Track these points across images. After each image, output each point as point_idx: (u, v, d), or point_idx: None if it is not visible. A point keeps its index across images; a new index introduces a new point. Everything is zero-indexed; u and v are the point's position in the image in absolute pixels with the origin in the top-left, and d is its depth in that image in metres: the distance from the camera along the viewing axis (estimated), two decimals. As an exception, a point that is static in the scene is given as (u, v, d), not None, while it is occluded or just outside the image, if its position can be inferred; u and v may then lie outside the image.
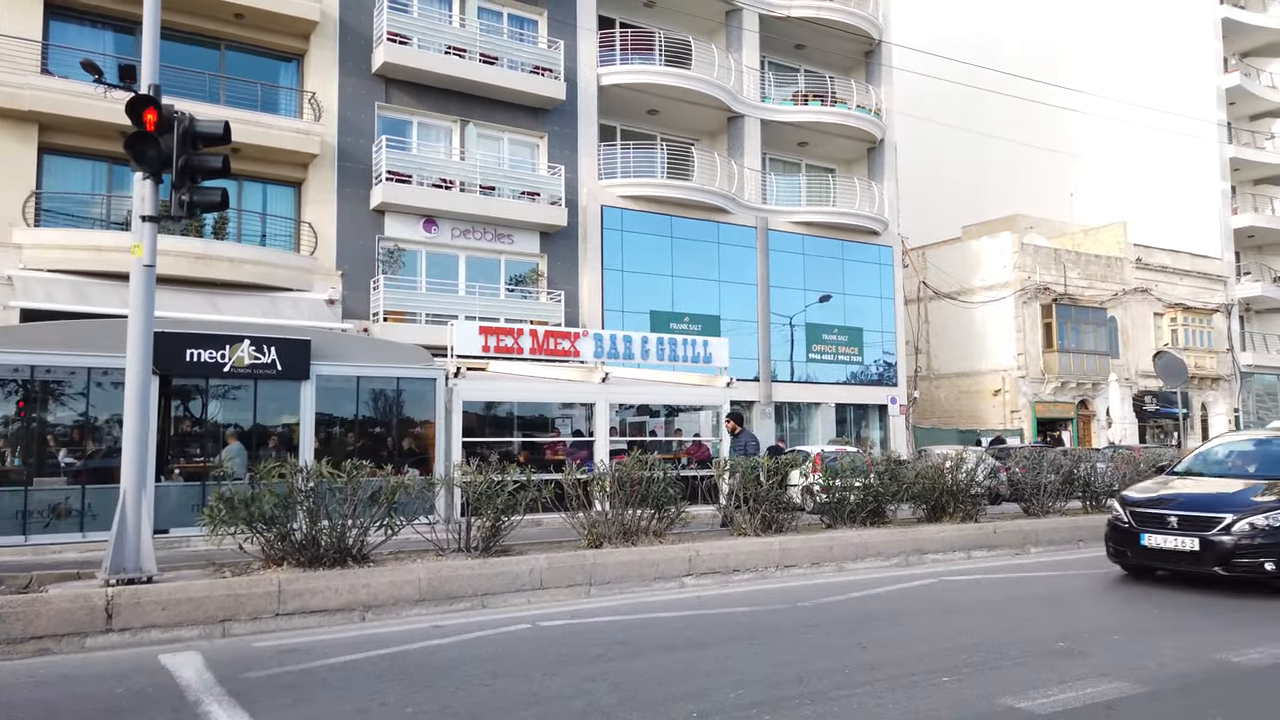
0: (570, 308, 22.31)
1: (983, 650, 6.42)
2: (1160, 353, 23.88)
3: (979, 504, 12.80)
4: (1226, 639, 6.76)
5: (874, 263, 28.07)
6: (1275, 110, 38.54)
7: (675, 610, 8.08)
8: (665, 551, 9.41)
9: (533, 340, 16.89)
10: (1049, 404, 31.35)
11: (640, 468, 9.73)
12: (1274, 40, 38.47)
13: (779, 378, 25.87)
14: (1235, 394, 35.83)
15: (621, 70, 23.40)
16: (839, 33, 27.00)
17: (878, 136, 27.95)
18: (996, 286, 31.47)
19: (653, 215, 23.96)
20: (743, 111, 25.57)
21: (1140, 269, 33.96)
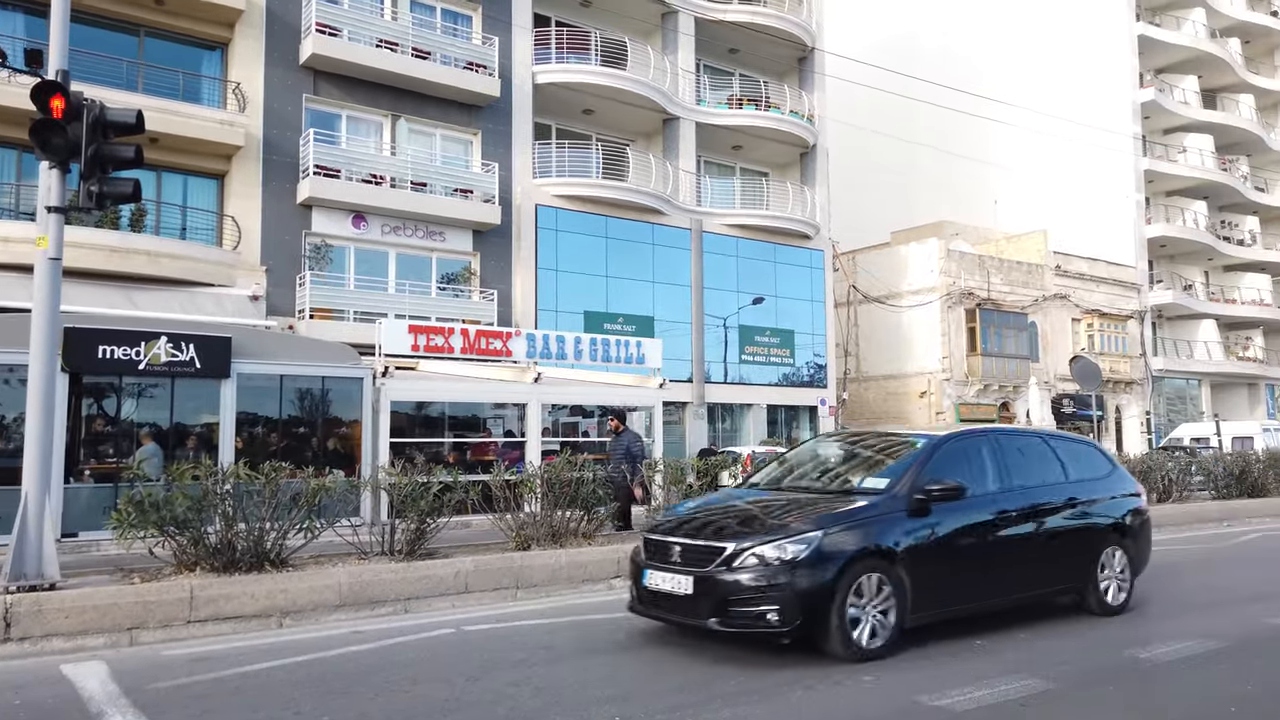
0: (503, 307, 22.13)
1: (904, 646, 6.53)
2: (1077, 357, 24.70)
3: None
4: (1134, 636, 6.99)
5: (805, 266, 28.47)
6: (1187, 125, 40.21)
7: (603, 613, 8.04)
8: (594, 553, 9.37)
9: (464, 339, 16.67)
10: (972, 406, 32.18)
11: (570, 469, 9.68)
12: (1187, 58, 40.13)
13: (712, 379, 26.05)
14: (1147, 397, 37.27)
15: (557, 69, 23.30)
16: (773, 38, 27.32)
17: (810, 142, 28.35)
18: (923, 291, 32.18)
19: (588, 215, 23.90)
20: (678, 114, 25.69)
21: (1059, 276, 35.09)
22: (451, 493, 9.01)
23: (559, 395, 17.89)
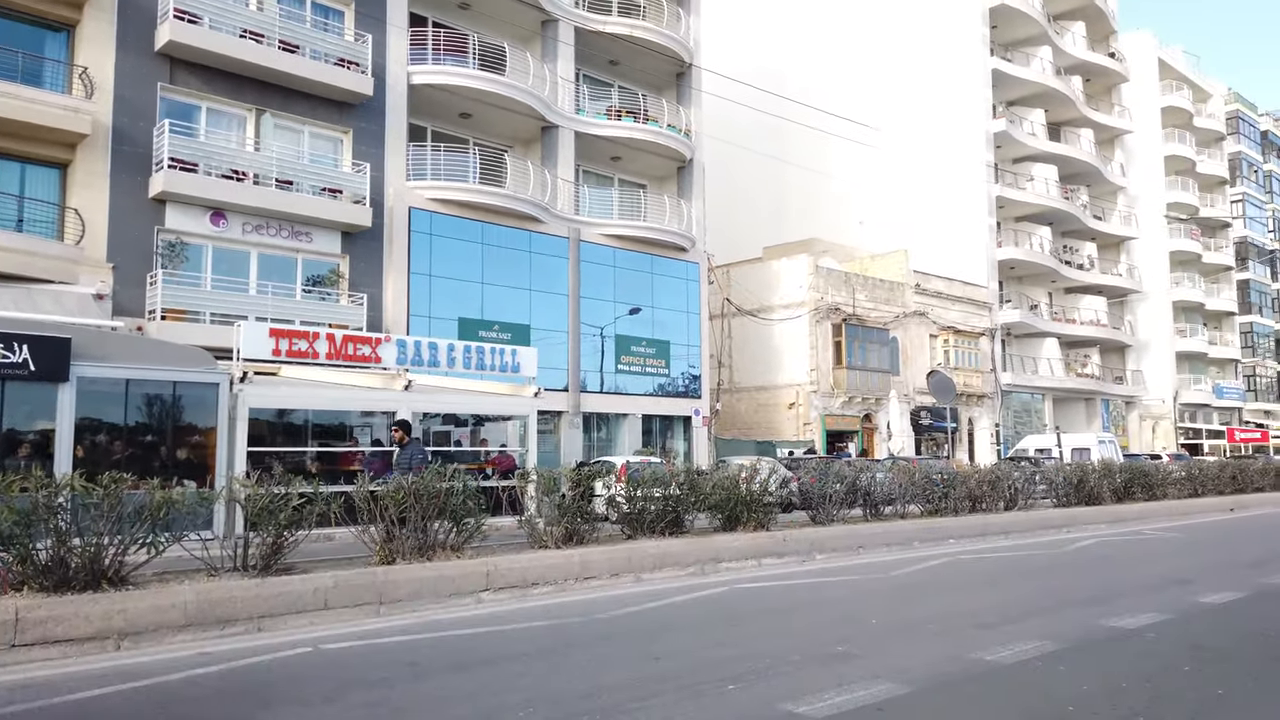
0: (373, 312, 21.46)
1: (767, 657, 6.64)
2: (933, 372, 25.95)
3: (771, 513, 13.33)
4: (983, 639, 7.34)
5: (682, 278, 28.85)
6: (1034, 155, 43.01)
7: (469, 627, 7.86)
8: (462, 566, 9.15)
9: (330, 344, 16.05)
10: (837, 417, 33.34)
11: (439, 479, 9.43)
12: (1034, 92, 42.95)
13: (588, 388, 26.02)
14: (997, 410, 39.52)
15: (434, 70, 22.84)
16: (652, 52, 27.64)
17: (687, 156, 28.80)
18: (793, 306, 33.15)
19: (463, 220, 23.49)
20: (557, 122, 25.62)
21: (919, 294, 36.82)
22: (312, 505, 8.62)
23: (430, 404, 17.47)
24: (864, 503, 15.28)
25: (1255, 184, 63.00)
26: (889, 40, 43.03)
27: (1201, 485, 23.11)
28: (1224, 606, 8.96)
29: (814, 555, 12.71)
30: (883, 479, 15.92)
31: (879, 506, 15.47)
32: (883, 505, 15.57)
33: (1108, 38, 48.92)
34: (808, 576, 11.03)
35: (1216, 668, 6.43)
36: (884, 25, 43.29)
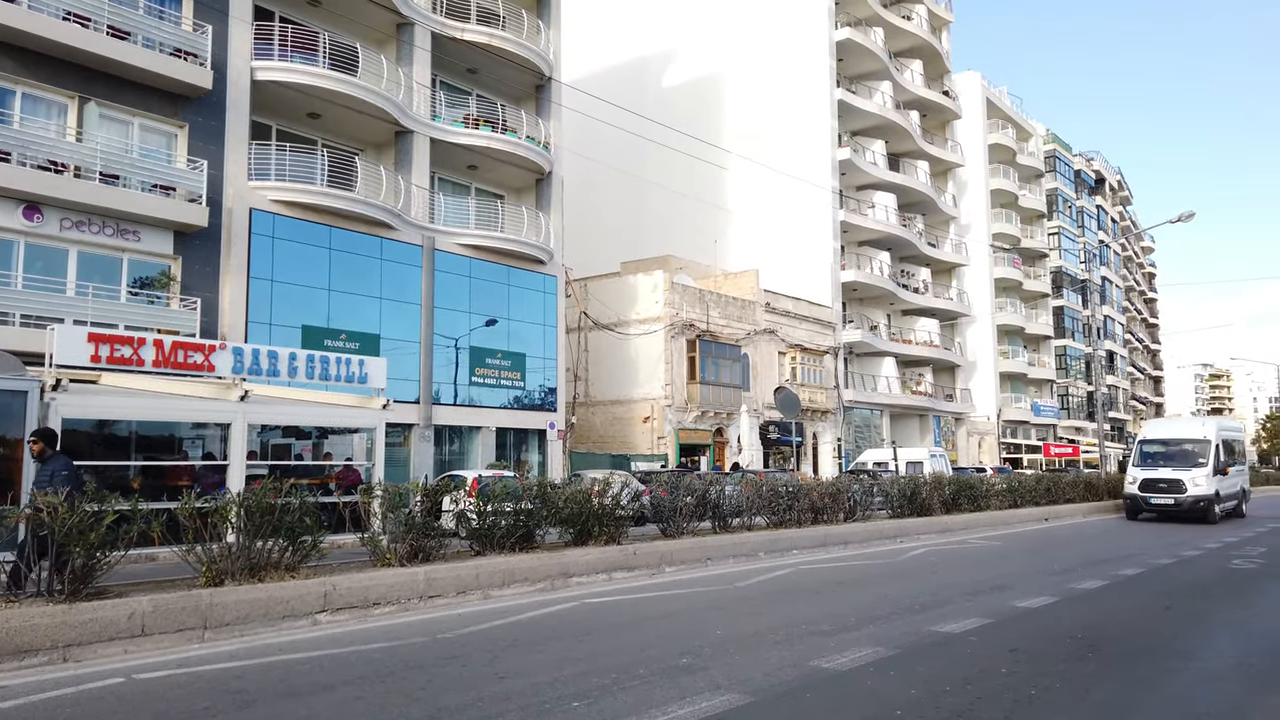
0: (208, 317, 20.24)
1: (614, 672, 6.62)
2: (780, 388, 26.87)
3: (623, 527, 13.37)
4: (820, 646, 7.59)
5: (538, 290, 28.69)
6: (876, 184, 45.36)
7: (304, 651, 7.47)
8: (297, 587, 8.70)
9: (157, 351, 14.97)
10: (691, 431, 33.94)
11: (272, 494, 8.94)
12: (876, 124, 45.35)
13: (441, 400, 25.43)
14: (839, 425, 41.28)
15: (280, 67, 21.85)
16: (511, 63, 27.45)
17: (546, 169, 28.72)
18: (649, 320, 33.58)
19: (310, 224, 22.54)
20: (412, 127, 25.02)
21: (769, 312, 38.06)
22: (130, 523, 7.99)
23: (269, 415, 16.58)
24: (713, 515, 15.56)
25: (1069, 218, 68.71)
26: (745, 66, 44.48)
27: (1020, 497, 24.80)
28: (1037, 610, 9.63)
29: (664, 568, 12.83)
30: (731, 492, 16.27)
31: (727, 519, 15.79)
32: (731, 518, 15.90)
33: (942, 76, 52.29)
34: (657, 589, 11.11)
35: (1030, 668, 6.88)
36: (741, 50, 44.72)
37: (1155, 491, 23.71)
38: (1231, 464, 25.21)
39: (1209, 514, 22.87)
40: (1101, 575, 12.51)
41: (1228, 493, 24.48)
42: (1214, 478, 23.25)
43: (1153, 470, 24.17)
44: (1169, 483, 23.48)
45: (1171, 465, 23.97)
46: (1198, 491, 22.95)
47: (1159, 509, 23.66)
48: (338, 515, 13.43)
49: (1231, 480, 25.06)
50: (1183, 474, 23.36)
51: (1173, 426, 27.56)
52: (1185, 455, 24.12)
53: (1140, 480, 24.21)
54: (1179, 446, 24.65)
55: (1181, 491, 23.15)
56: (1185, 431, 25.70)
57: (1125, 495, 25.02)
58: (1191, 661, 7.25)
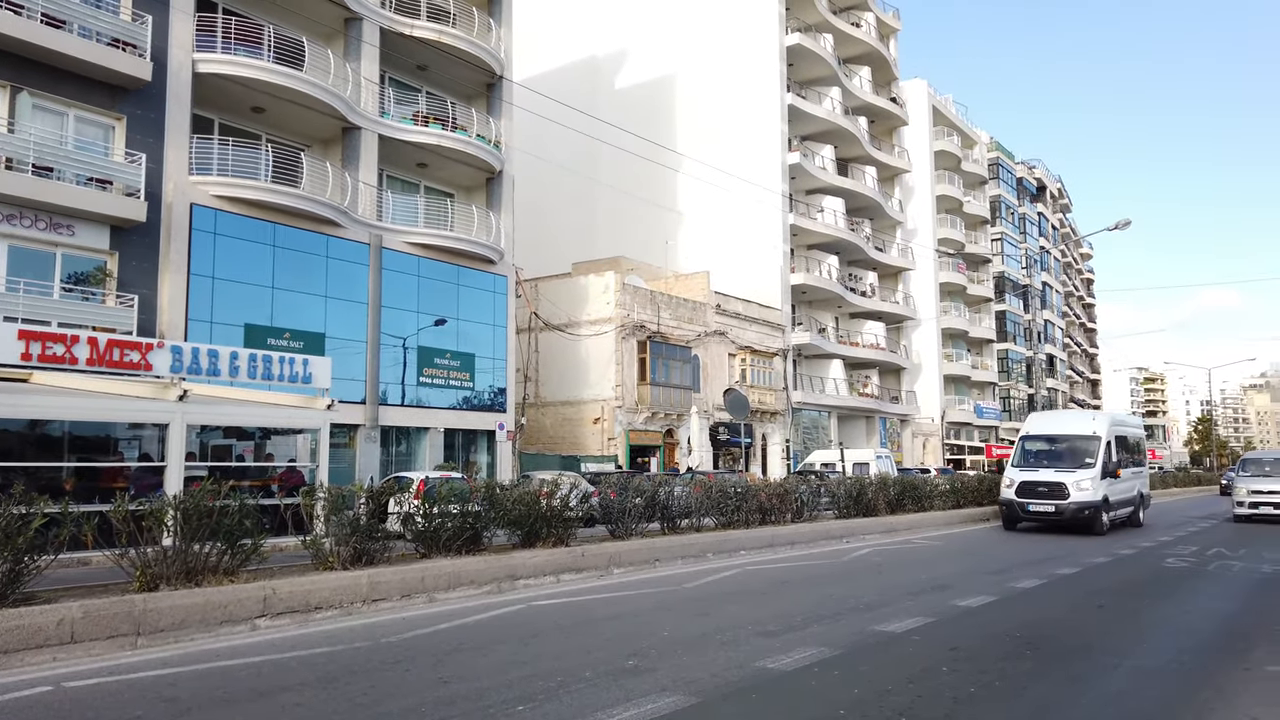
0: (146, 315, 19.71)
1: (559, 675, 6.58)
2: (729, 390, 27.02)
3: (571, 528, 13.32)
4: (766, 647, 7.63)
5: (489, 290, 28.47)
6: (824, 188, 45.88)
7: (242, 657, 7.29)
8: (236, 591, 8.50)
9: (92, 349, 14.55)
10: (641, 432, 33.97)
11: (210, 496, 8.72)
12: (824, 129, 45.89)
13: (388, 401, 25.09)
14: (788, 427, 41.66)
15: (223, 60, 21.37)
16: (461, 61, 27.21)
17: (497, 167, 28.52)
18: (600, 322, 33.53)
19: (254, 221, 22.08)
20: (360, 123, 24.66)
21: (719, 314, 38.27)
22: (61, 526, 7.73)
23: (210, 416, 16.18)
24: (662, 516, 15.58)
25: (1012, 225, 70.26)
26: (697, 68, 44.68)
27: (963, 497, 25.26)
28: (977, 609, 9.81)
29: (612, 569, 12.81)
30: (680, 493, 16.30)
31: (676, 520, 15.82)
32: (679, 519, 15.94)
33: (890, 83, 53.11)
34: (605, 591, 11.08)
35: (970, 666, 6.99)
36: (693, 53, 44.91)
37: (1034, 497, 20.30)
38: (1126, 465, 22.19)
39: (1095, 523, 19.72)
40: (1039, 575, 12.80)
41: (1120, 498, 21.40)
42: (1103, 481, 20.07)
43: (1033, 472, 20.83)
44: (1050, 487, 20.12)
45: (1055, 466, 20.71)
46: (1083, 497, 19.68)
47: (1039, 518, 20.35)
48: (280, 518, 13.16)
49: (1126, 484, 21.97)
50: (1066, 476, 20.05)
51: (1059, 420, 23.96)
52: (1072, 454, 20.89)
53: (1018, 484, 20.75)
54: (1065, 444, 21.34)
55: (1063, 497, 19.82)
56: (1072, 426, 22.20)
57: (1001, 501, 21.52)
58: (1125, 659, 7.44)
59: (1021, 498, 20.51)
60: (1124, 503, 21.79)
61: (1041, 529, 20.65)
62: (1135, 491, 22.89)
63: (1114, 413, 28.36)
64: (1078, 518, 19.74)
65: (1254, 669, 7.11)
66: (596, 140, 35.67)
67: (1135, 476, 23.14)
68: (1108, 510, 20.24)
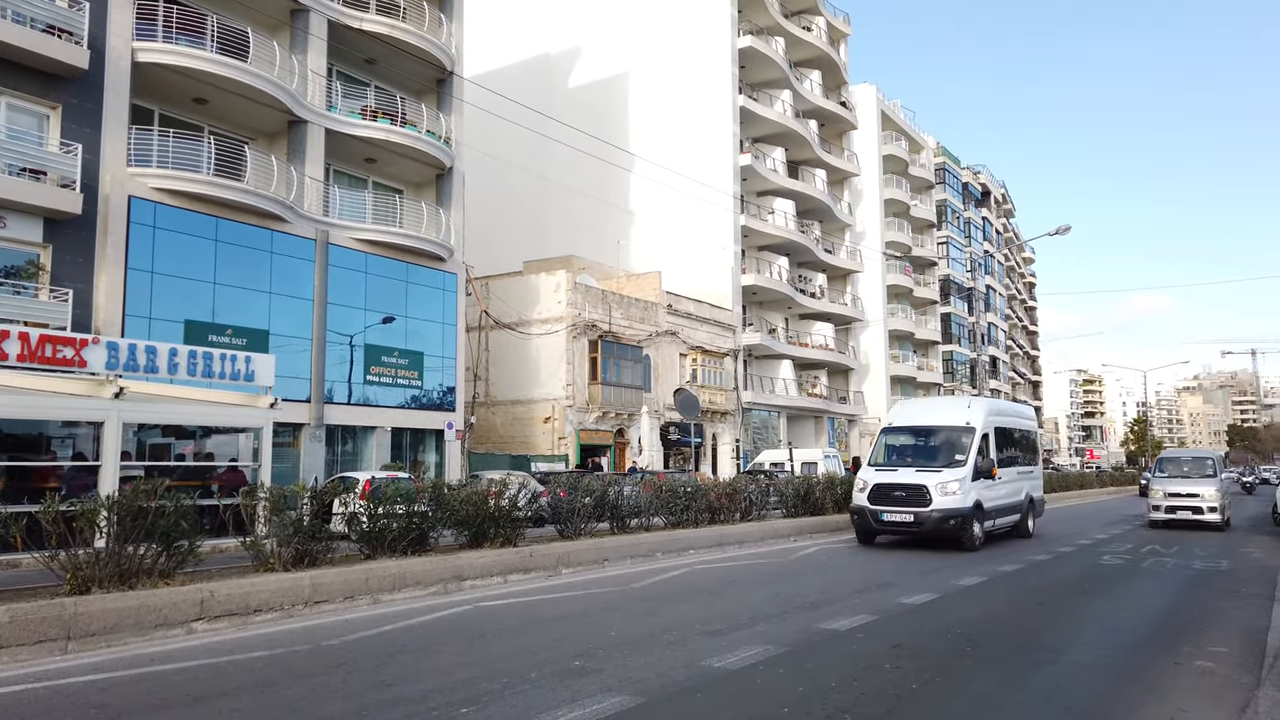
0: (82, 310, 19.12)
1: (505, 676, 6.53)
2: (680, 390, 27.06)
3: (520, 528, 13.23)
4: (713, 646, 7.65)
5: (438, 288, 28.16)
6: (775, 190, 46.25)
7: (177, 661, 7.11)
8: (171, 594, 8.28)
9: (22, 345, 14.02)
10: (592, 432, 33.89)
11: (145, 496, 8.48)
12: (776, 131, 46.26)
13: (334, 399, 24.68)
14: (739, 426, 41.92)
15: (164, 49, 20.81)
16: (412, 56, 26.86)
17: (447, 164, 28.22)
18: (551, 320, 33.38)
19: (195, 214, 21.55)
20: (306, 117, 24.20)
21: (671, 314, 38.35)
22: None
23: (147, 414, 15.75)
24: (611, 516, 15.56)
25: (957, 229, 71.57)
26: (650, 68, 44.71)
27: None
28: (921, 607, 9.96)
29: (561, 570, 12.75)
30: (630, 493, 16.29)
31: (625, 520, 15.81)
32: (629, 518, 15.93)
33: (840, 87, 53.74)
34: (553, 591, 11.03)
35: (912, 663, 7.09)
36: (646, 53, 44.94)
37: (890, 503, 16.47)
38: (1011, 464, 18.64)
39: (964, 536, 15.97)
40: (981, 572, 13.04)
41: (1000, 504, 17.64)
42: (975, 484, 16.40)
43: (891, 472, 17.02)
44: (908, 491, 16.31)
45: (919, 465, 17.06)
46: (948, 503, 15.88)
47: (896, 530, 16.63)
48: (220, 519, 12.86)
49: (1008, 487, 18.22)
50: (929, 477, 16.27)
51: (928, 409, 20.03)
52: (940, 450, 17.35)
53: (871, 487, 16.83)
54: (932, 438, 17.77)
55: (924, 503, 15.98)
56: (943, 416, 18.36)
57: (852, 510, 17.46)
58: (1061, 654, 7.61)
59: (876, 504, 16.61)
60: (1006, 509, 18.09)
61: (905, 543, 17.19)
62: (1022, 496, 19.12)
63: (995, 400, 24.01)
64: (942, 529, 15.93)
65: (1184, 663, 7.32)
66: (549, 138, 35.50)
67: (1023, 478, 19.43)
68: (982, 519, 16.55)
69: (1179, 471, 22.93)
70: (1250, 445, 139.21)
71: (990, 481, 17.09)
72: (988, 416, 17.75)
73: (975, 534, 16.20)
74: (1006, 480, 18.06)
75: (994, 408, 18.92)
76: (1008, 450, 18.72)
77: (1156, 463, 24.94)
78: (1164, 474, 23.18)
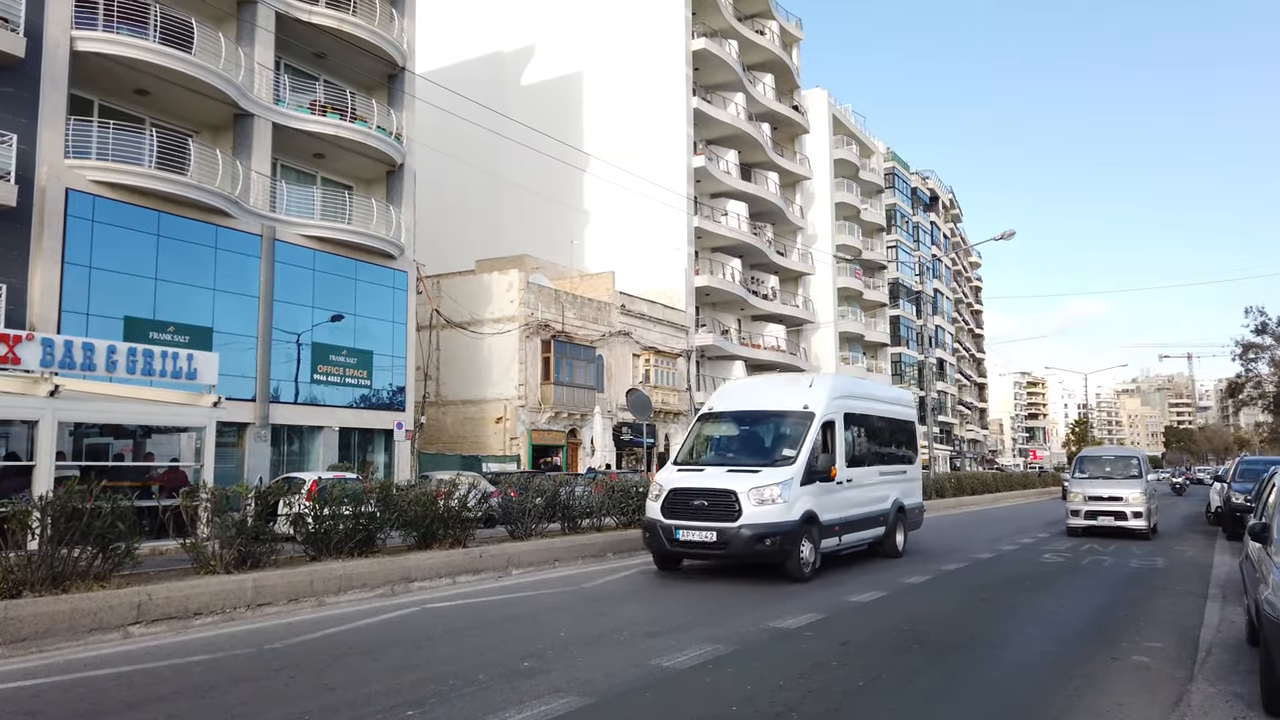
0: (16, 306, 18.51)
1: (452, 678, 6.46)
2: (632, 390, 26.99)
3: (469, 529, 13.12)
4: (662, 646, 7.65)
5: (388, 286, 27.80)
6: (729, 192, 46.50)
7: (113, 666, 6.90)
8: (107, 597, 8.05)
9: (-48, 341, 13.56)
10: (544, 432, 33.74)
11: (81, 497, 8.24)
12: (730, 134, 46.52)
13: (280, 399, 24.22)
14: (691, 427, 42.01)
15: (104, 38, 20.24)
16: (362, 50, 26.48)
17: (398, 160, 27.88)
18: (504, 320, 33.17)
19: (136, 208, 20.99)
20: (252, 110, 23.72)
21: (624, 315, 38.35)
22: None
23: (84, 413, 15.29)
24: (563, 516, 15.50)
25: (906, 233, 72.71)
26: (604, 68, 44.67)
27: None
28: (869, 604, 10.08)
29: (511, 570, 12.66)
30: (581, 493, 16.25)
31: (576, 520, 15.77)
32: (580, 519, 15.89)
33: (792, 91, 54.24)
34: (503, 592, 10.95)
35: (859, 660, 7.17)
36: (600, 53, 44.88)
37: (687, 515, 12.01)
38: (870, 461, 14.63)
39: (788, 561, 11.77)
40: (926, 570, 13.24)
41: (849, 515, 13.40)
42: (806, 488, 12.19)
43: (695, 474, 12.63)
44: (711, 498, 11.95)
45: (733, 463, 12.78)
46: (764, 516, 11.61)
47: (695, 551, 12.17)
48: (160, 520, 12.54)
49: (865, 492, 14.10)
50: (740, 480, 11.97)
51: (758, 389, 15.39)
52: (765, 444, 13.30)
53: (667, 493, 12.37)
54: (759, 427, 13.67)
55: (731, 515, 11.69)
56: (773, 398, 14.00)
57: (644, 524, 12.93)
58: (1004, 650, 7.76)
59: (671, 518, 12.06)
60: (858, 522, 13.79)
61: (715, 570, 13.11)
62: (887, 504, 14.90)
63: (849, 379, 18.73)
64: (754, 551, 11.57)
65: (1121, 659, 7.51)
66: (502, 137, 35.27)
67: (889, 480, 15.21)
68: (817, 537, 12.27)
69: (1100, 472, 20.52)
70: (1185, 446, 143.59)
71: (831, 485, 12.87)
72: (834, 399, 13.52)
73: (804, 558, 11.82)
74: (862, 483, 14.01)
75: (844, 387, 14.66)
76: (868, 444, 14.84)
77: (1076, 462, 22.21)
78: (1084, 475, 20.62)
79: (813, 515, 12.23)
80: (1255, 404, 57.50)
